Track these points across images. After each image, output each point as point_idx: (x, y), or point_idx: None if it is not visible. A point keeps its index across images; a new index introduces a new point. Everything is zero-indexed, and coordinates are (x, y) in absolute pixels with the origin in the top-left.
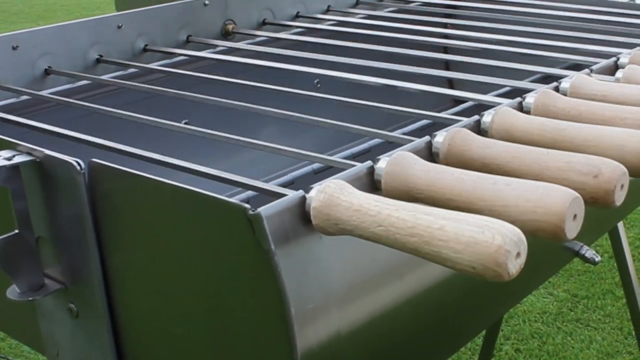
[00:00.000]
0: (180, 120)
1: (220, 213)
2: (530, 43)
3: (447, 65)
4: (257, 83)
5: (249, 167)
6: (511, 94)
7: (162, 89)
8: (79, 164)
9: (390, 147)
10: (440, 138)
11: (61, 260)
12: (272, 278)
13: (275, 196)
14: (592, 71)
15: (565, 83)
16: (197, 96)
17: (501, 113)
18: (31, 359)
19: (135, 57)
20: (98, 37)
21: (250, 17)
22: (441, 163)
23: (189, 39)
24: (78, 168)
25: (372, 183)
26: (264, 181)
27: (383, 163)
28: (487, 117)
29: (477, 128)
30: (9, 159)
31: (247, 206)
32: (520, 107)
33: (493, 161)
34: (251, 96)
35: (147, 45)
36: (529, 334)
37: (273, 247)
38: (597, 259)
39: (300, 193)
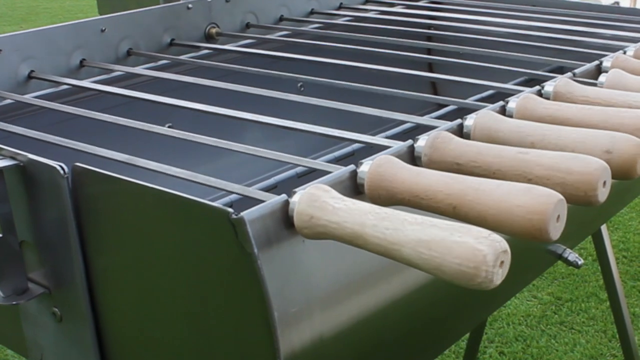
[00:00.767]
0: (163, 123)
1: (203, 217)
2: (514, 45)
3: (431, 66)
4: (241, 86)
5: (233, 171)
6: (494, 97)
7: (145, 95)
8: (63, 169)
9: (373, 151)
10: (422, 142)
11: (45, 264)
12: (255, 282)
13: (258, 200)
14: (575, 74)
15: (548, 87)
16: (180, 101)
17: (484, 117)
18: None
19: (118, 61)
20: (81, 41)
21: (233, 21)
22: (424, 166)
23: (173, 43)
24: (62, 172)
25: (355, 187)
26: (248, 185)
27: (366, 167)
28: (470, 121)
29: (460, 131)
30: None
31: (230, 210)
32: (503, 111)
33: (475, 164)
34: (235, 99)
35: (131, 48)
36: (513, 337)
37: (256, 251)
38: (580, 262)
39: (283, 197)
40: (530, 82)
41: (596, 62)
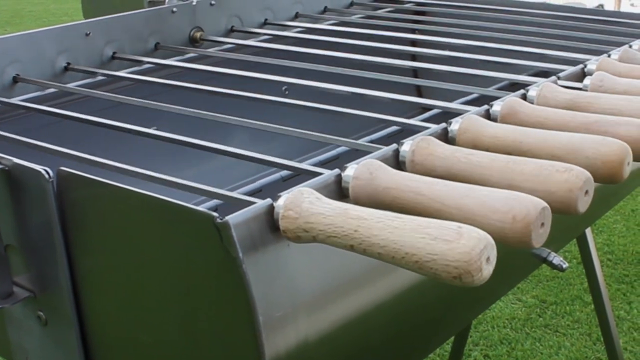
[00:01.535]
0: (149, 127)
1: (188, 221)
2: (498, 49)
3: (415, 72)
4: (226, 90)
5: (218, 174)
6: (479, 101)
7: (130, 98)
8: (48, 173)
9: (358, 155)
10: (407, 146)
11: (30, 268)
12: (240, 286)
13: (243, 204)
14: (560, 78)
15: (532, 91)
16: (165, 105)
17: (468, 121)
18: None
19: (103, 65)
20: (66, 45)
21: (218, 25)
22: (408, 170)
23: (158, 46)
24: (47, 176)
25: (340, 190)
26: (233, 188)
27: (350, 171)
28: (454, 125)
29: (445, 135)
30: None
31: (215, 214)
32: (487, 115)
33: (459, 169)
34: (220, 102)
35: (116, 52)
36: (498, 340)
37: (241, 255)
38: (565, 266)
39: (268, 201)
40: (515, 86)
41: (581, 66)
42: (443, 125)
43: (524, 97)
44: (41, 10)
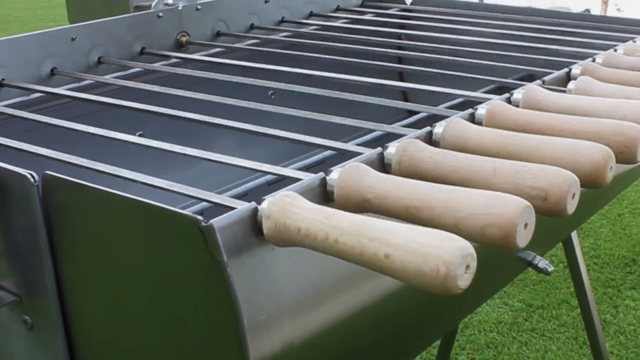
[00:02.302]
0: (134, 132)
1: (173, 225)
2: (483, 53)
3: (401, 75)
4: (212, 95)
5: (203, 178)
6: (464, 105)
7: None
8: (33, 177)
9: (343, 158)
10: (392, 149)
11: (15, 272)
12: (225, 289)
13: (227, 208)
14: (545, 82)
15: (517, 94)
16: (151, 108)
17: (453, 124)
18: None
19: (89, 70)
20: (52, 50)
21: (204, 29)
22: (393, 174)
23: (144, 51)
24: (32, 180)
25: (325, 194)
26: (218, 193)
27: (335, 174)
28: (439, 129)
29: (430, 139)
30: None
31: (200, 218)
32: (472, 118)
33: (444, 171)
34: (206, 107)
35: (102, 57)
36: (485, 344)
37: (225, 259)
38: (550, 269)
39: (252, 205)
40: (500, 90)
41: (565, 70)
42: (428, 128)
43: (509, 101)
44: (28, 15)
